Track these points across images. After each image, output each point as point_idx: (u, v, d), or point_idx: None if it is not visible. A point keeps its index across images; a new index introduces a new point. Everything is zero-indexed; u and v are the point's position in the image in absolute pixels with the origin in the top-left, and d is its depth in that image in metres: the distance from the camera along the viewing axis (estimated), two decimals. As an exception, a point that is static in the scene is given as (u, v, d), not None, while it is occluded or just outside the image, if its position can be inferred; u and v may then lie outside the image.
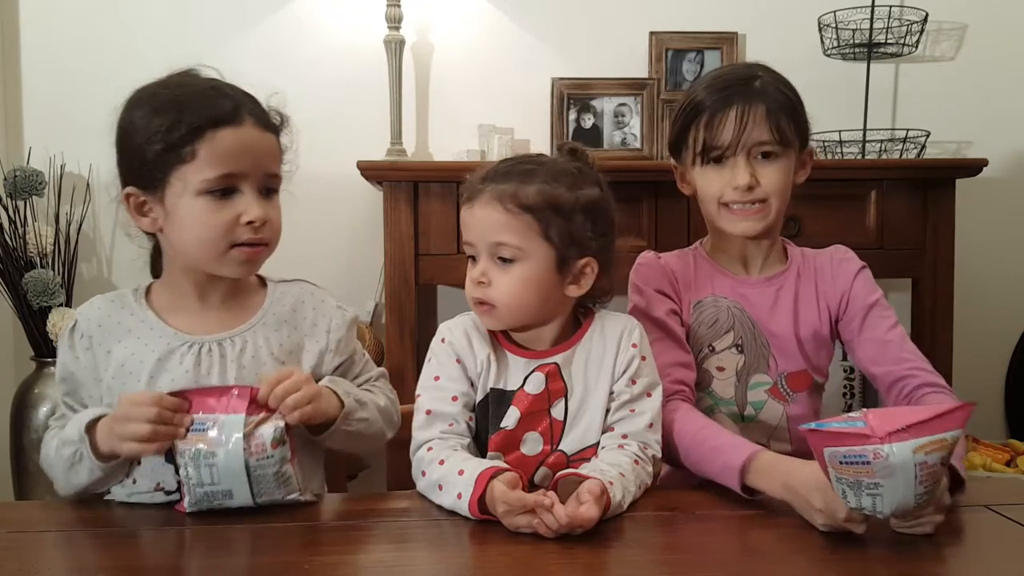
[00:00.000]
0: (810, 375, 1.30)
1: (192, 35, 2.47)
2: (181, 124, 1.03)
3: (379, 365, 2.21)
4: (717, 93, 1.24)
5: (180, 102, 1.04)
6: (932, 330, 2.22)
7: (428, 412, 1.09)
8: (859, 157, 2.37)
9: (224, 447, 0.97)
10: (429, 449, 1.06)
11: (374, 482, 2.16)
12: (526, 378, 1.10)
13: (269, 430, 1.00)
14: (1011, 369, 2.65)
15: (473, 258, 1.10)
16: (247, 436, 0.98)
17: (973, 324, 2.45)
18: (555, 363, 1.10)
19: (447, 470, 1.02)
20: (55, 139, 2.40)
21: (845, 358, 2.24)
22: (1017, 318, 2.62)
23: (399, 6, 2.35)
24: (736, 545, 0.95)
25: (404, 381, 2.12)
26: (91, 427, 1.03)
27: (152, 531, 0.98)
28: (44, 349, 2.30)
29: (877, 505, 0.86)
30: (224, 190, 1.05)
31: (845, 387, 2.40)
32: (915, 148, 2.39)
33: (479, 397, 1.11)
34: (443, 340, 1.13)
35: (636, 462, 1.06)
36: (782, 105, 1.25)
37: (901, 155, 2.38)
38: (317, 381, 1.09)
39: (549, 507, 0.91)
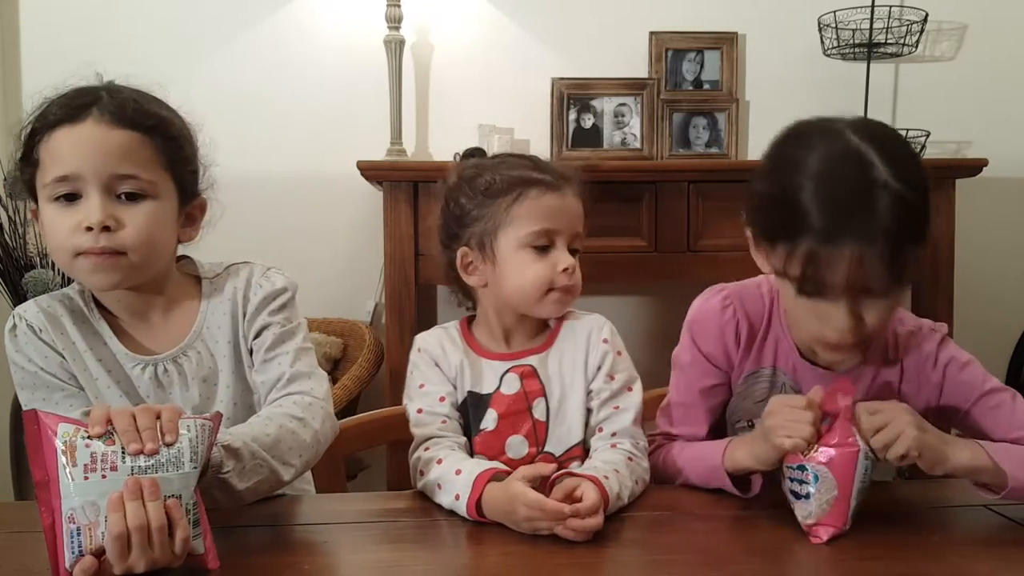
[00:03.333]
0: None
1: (192, 35, 2.47)
2: (30, 130, 1.00)
3: (379, 365, 2.24)
4: (831, 216, 0.93)
5: (37, 111, 1.01)
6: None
7: (420, 411, 1.11)
8: (859, 157, 2.37)
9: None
10: (427, 449, 1.07)
11: (374, 482, 2.17)
12: (501, 379, 1.11)
13: None
14: (1011, 369, 2.64)
15: (550, 246, 1.10)
16: None
17: (973, 324, 2.44)
18: (530, 364, 1.12)
19: (445, 469, 1.02)
20: (55, 139, 2.40)
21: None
22: (1017, 318, 2.63)
23: (399, 6, 2.35)
24: (736, 545, 0.95)
25: (404, 381, 2.12)
26: None
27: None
28: (44, 349, 2.30)
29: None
30: (68, 195, 0.98)
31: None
32: (915, 148, 2.40)
33: (459, 399, 1.12)
34: (419, 350, 1.16)
35: (630, 459, 1.07)
36: (912, 232, 0.94)
37: (901, 155, 2.38)
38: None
39: (571, 514, 0.91)
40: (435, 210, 1.20)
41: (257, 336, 1.10)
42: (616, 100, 2.50)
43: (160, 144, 1.02)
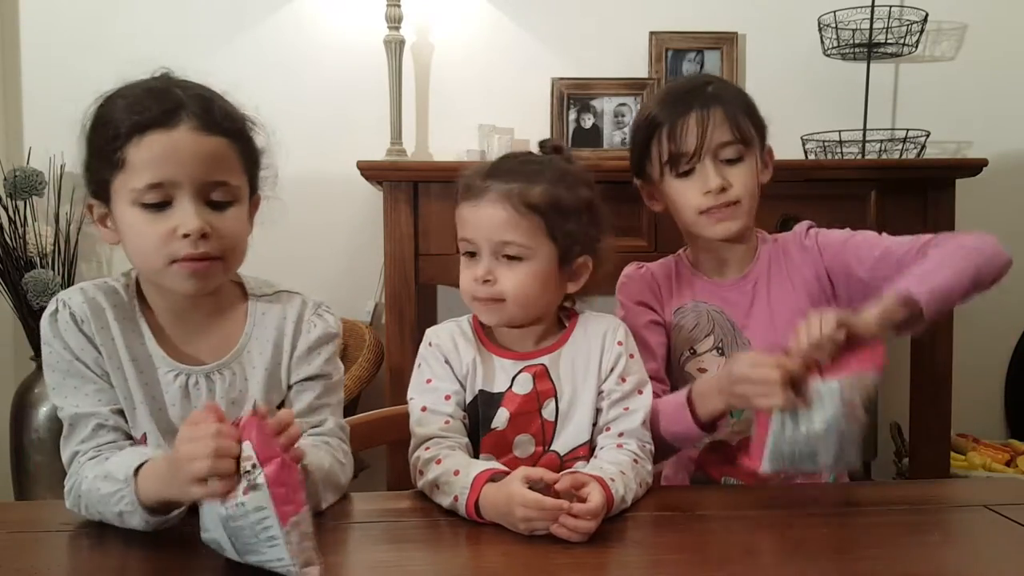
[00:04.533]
0: None
1: (192, 35, 2.47)
2: (112, 130, 0.96)
3: (379, 365, 2.24)
4: (673, 104, 1.27)
5: (115, 108, 0.98)
6: (932, 330, 2.22)
7: (424, 409, 1.10)
8: (859, 157, 2.37)
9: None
10: (427, 448, 1.07)
11: (374, 482, 2.16)
12: (513, 379, 1.11)
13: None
14: (1011, 369, 2.64)
15: (472, 254, 1.10)
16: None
17: (973, 324, 2.44)
18: (543, 364, 1.12)
19: (444, 470, 1.02)
20: (55, 139, 2.39)
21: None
22: (1017, 318, 2.62)
23: (399, 6, 2.35)
24: (736, 545, 0.95)
25: (404, 381, 2.10)
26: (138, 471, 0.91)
27: (153, 532, 0.97)
28: (44, 349, 2.30)
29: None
30: (159, 201, 0.97)
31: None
32: (915, 148, 2.39)
33: (468, 398, 1.12)
34: (430, 344, 1.14)
35: (635, 461, 1.07)
36: (738, 105, 1.28)
37: (901, 155, 2.38)
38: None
39: (568, 511, 0.91)
40: (435, 210, 1.20)
41: (308, 379, 1.09)
42: (616, 100, 2.50)
43: (243, 148, 1.03)
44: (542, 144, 1.18)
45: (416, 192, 2.12)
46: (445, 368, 1.12)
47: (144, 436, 1.02)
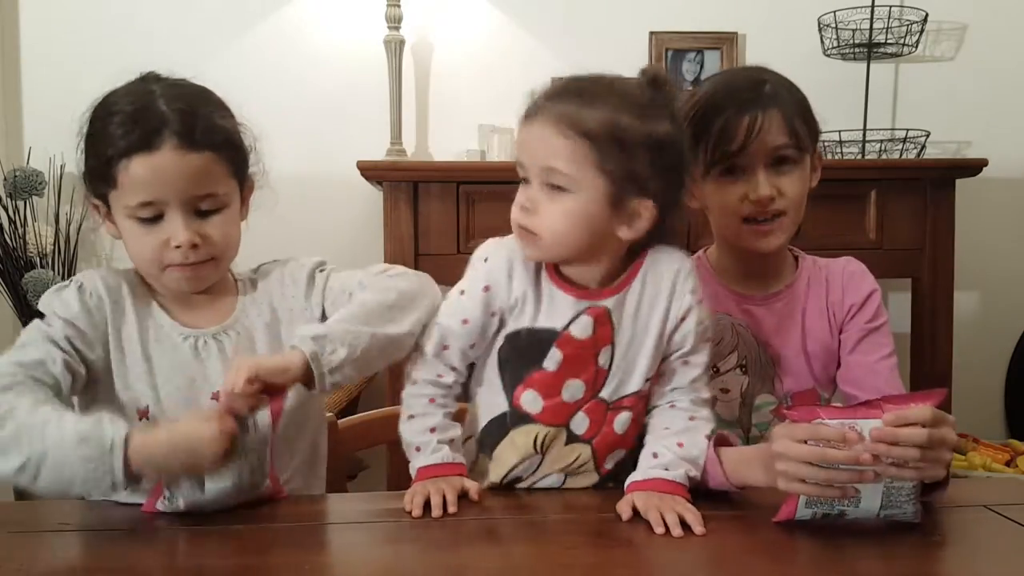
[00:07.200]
0: (817, 393, 1.26)
1: (192, 35, 2.47)
2: (102, 149, 1.03)
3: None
4: (729, 98, 1.18)
5: (105, 125, 1.03)
6: (932, 330, 2.22)
7: (437, 342, 1.07)
8: (859, 157, 2.37)
9: None
10: (430, 400, 1.08)
11: (374, 482, 2.16)
12: (572, 319, 1.03)
13: None
14: (1011, 369, 2.65)
15: (526, 180, 1.02)
16: None
17: (973, 324, 2.45)
18: (605, 307, 1.03)
19: (413, 429, 1.06)
20: (55, 139, 2.37)
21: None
22: (1017, 318, 2.62)
23: (399, 6, 2.35)
24: (736, 545, 0.95)
25: (404, 381, 2.12)
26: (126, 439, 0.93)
27: (152, 531, 0.97)
28: (44, 349, 2.30)
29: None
30: (151, 216, 1.03)
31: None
32: (915, 148, 2.39)
33: (511, 329, 1.05)
34: (485, 260, 1.06)
35: (691, 418, 1.06)
36: (796, 108, 1.19)
37: (901, 155, 2.38)
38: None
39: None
40: (435, 210, 1.19)
41: (325, 305, 1.14)
42: (616, 100, 2.49)
43: (228, 155, 1.07)
44: (643, 71, 1.05)
45: (416, 192, 2.12)
46: (482, 294, 1.04)
47: (147, 408, 1.04)
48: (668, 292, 1.04)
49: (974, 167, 2.20)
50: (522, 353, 1.05)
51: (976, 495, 1.02)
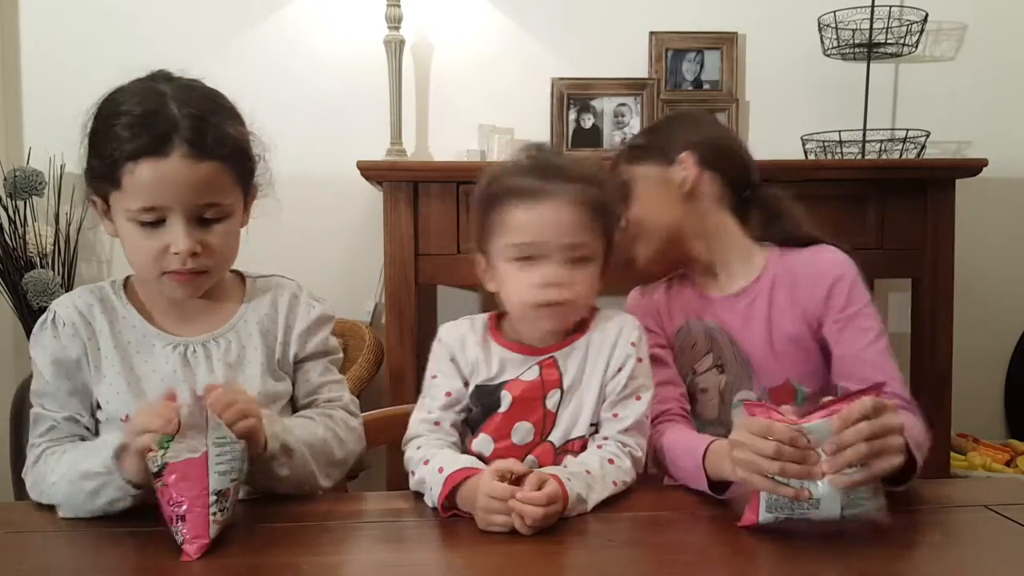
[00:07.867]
0: (793, 387, 1.26)
1: (192, 35, 2.47)
2: (108, 149, 1.00)
3: (379, 365, 2.23)
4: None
5: (112, 126, 1.01)
6: (932, 330, 2.22)
7: (422, 409, 1.13)
8: (859, 157, 2.37)
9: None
10: (418, 448, 1.08)
11: (374, 482, 2.16)
12: (523, 372, 1.11)
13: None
14: (1011, 369, 2.65)
15: (535, 257, 1.07)
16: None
17: (973, 324, 2.45)
18: (552, 356, 1.11)
19: (430, 470, 1.03)
20: (55, 139, 2.38)
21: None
22: (1017, 318, 2.62)
23: (399, 6, 2.35)
24: (736, 545, 0.95)
25: (404, 381, 2.12)
26: (118, 455, 0.97)
27: (152, 531, 0.97)
28: (44, 349, 2.30)
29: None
30: (153, 220, 1.02)
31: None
32: (915, 148, 2.39)
33: (473, 386, 1.12)
34: (439, 340, 1.15)
35: (611, 461, 1.07)
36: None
37: (901, 155, 2.38)
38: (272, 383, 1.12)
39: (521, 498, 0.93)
40: (435, 210, 1.20)
41: (312, 357, 1.17)
42: (616, 100, 2.50)
43: (236, 165, 1.07)
44: (526, 147, 1.14)
45: (416, 192, 2.12)
46: (450, 365, 1.13)
47: (127, 416, 1.05)
48: (611, 344, 1.12)
49: (974, 167, 2.20)
50: (482, 403, 1.11)
51: (976, 495, 1.02)
